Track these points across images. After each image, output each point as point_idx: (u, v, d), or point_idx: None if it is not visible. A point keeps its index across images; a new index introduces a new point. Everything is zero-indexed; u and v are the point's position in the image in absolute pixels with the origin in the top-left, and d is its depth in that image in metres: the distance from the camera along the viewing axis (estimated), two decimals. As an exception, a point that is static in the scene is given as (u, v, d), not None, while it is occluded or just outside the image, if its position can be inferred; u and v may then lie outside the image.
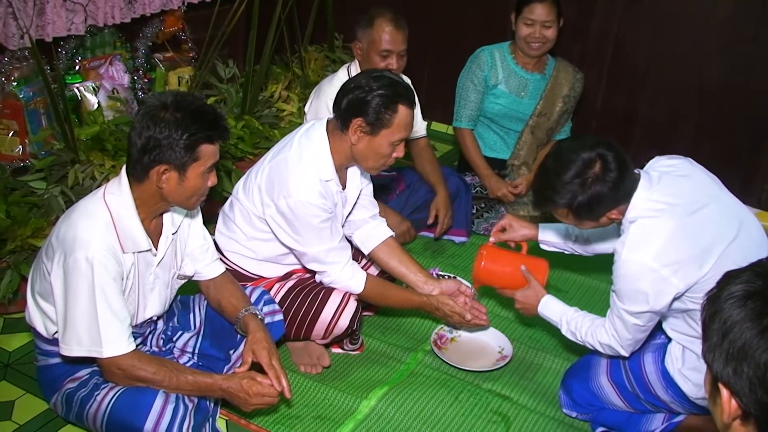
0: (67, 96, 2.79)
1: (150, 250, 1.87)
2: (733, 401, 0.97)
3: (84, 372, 1.93)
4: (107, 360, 1.77)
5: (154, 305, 1.96)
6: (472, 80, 3.22)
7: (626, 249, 1.84)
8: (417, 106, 3.00)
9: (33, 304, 1.90)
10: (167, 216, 1.94)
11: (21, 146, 2.67)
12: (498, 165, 3.30)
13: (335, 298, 2.22)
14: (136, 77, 3.10)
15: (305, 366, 2.37)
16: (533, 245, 2.43)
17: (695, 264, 1.80)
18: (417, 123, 3.07)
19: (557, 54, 3.34)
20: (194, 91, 3.09)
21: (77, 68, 2.96)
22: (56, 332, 1.82)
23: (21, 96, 2.65)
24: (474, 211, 3.24)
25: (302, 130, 2.21)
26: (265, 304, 2.16)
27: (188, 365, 2.03)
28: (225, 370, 2.08)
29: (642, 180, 1.89)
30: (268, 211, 2.15)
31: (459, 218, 3.12)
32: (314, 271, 2.26)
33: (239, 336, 2.06)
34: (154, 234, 1.90)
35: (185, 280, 2.08)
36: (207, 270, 2.08)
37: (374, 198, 2.45)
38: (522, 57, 3.22)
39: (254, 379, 1.85)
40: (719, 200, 1.92)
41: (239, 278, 2.23)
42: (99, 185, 2.48)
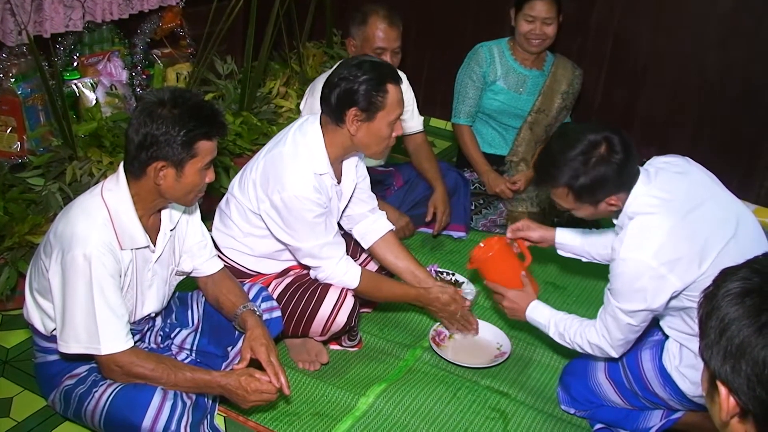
0: (65, 92, 2.78)
1: (148, 247, 1.87)
2: (731, 399, 0.97)
3: (82, 369, 1.93)
4: (105, 357, 1.77)
5: (152, 302, 1.96)
6: (471, 76, 3.21)
7: (625, 247, 1.83)
8: (411, 93, 3.01)
9: (31, 301, 1.90)
10: (165, 212, 1.93)
11: (19, 143, 2.67)
12: (496, 161, 3.29)
13: (333, 295, 2.22)
14: (134, 73, 3.09)
15: (303, 363, 2.37)
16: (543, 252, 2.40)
17: (694, 262, 1.79)
18: (414, 118, 3.06)
19: (556, 50, 3.33)
20: (192, 88, 3.08)
21: (75, 64, 2.95)
22: (54, 329, 1.82)
23: (19, 92, 2.65)
24: (473, 208, 3.24)
25: (296, 125, 2.22)
26: (263, 301, 2.16)
27: (186, 362, 2.03)
28: (223, 367, 2.08)
29: (641, 175, 1.89)
30: (263, 206, 2.14)
31: (457, 213, 3.11)
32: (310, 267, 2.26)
33: (237, 333, 2.06)
34: (152, 230, 1.90)
35: (183, 277, 2.08)
36: (205, 266, 2.08)
37: (372, 194, 2.45)
38: (521, 53, 3.21)
39: (252, 376, 1.85)
40: (716, 198, 1.92)
41: (237, 275, 2.23)
42: (97, 182, 2.48)
